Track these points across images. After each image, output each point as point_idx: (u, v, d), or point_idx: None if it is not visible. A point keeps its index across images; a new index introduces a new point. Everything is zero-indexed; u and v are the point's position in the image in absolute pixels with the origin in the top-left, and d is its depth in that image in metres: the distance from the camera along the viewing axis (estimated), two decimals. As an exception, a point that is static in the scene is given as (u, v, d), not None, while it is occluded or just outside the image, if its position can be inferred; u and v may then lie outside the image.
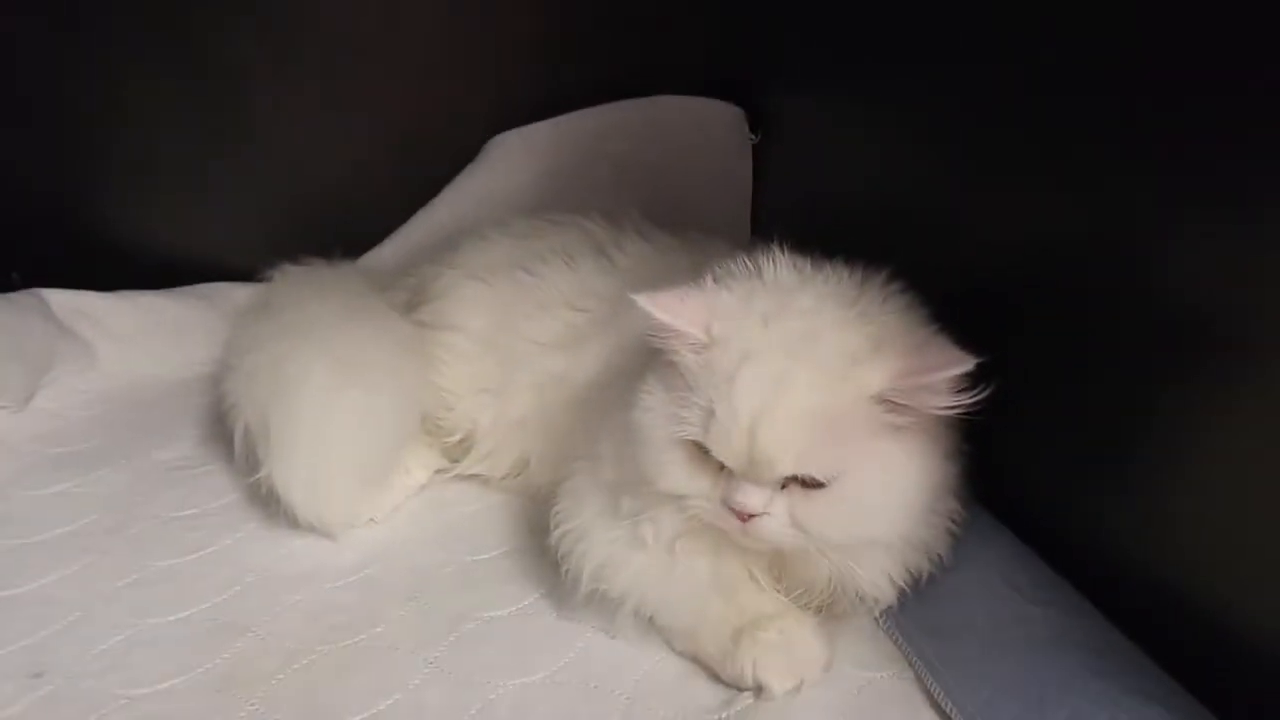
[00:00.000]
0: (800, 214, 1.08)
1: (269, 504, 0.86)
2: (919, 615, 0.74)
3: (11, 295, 1.05)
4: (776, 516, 0.63)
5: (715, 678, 0.70)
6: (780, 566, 0.71)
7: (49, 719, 0.66)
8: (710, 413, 0.61)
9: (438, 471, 0.94)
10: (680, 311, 0.64)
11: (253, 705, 0.67)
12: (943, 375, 0.60)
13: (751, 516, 0.62)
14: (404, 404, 0.88)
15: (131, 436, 1.00)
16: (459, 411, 0.91)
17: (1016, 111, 0.73)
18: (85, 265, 1.14)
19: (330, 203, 1.22)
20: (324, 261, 0.98)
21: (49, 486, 0.92)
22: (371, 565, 0.83)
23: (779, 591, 0.71)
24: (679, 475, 0.64)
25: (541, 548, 0.80)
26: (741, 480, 0.62)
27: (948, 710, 0.66)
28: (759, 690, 0.68)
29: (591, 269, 0.91)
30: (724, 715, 0.67)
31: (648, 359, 0.71)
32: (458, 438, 0.93)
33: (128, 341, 1.10)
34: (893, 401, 0.61)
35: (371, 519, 0.88)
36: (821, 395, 0.60)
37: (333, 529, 0.84)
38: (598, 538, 0.71)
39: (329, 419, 0.83)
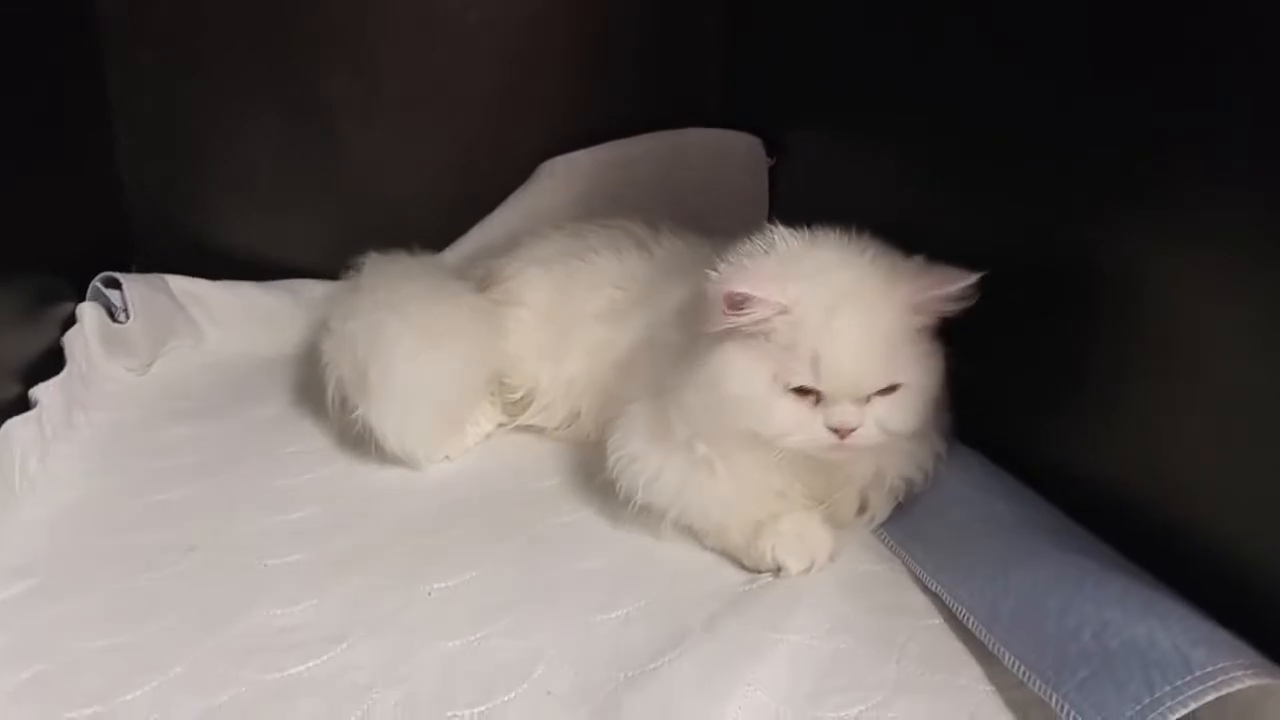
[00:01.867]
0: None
1: (358, 446, 1.03)
2: (905, 525, 0.90)
3: (144, 275, 1.23)
4: (868, 425, 0.80)
5: (740, 566, 0.86)
6: (825, 476, 0.87)
7: (203, 578, 0.82)
8: (816, 358, 0.77)
9: (500, 425, 1.11)
10: (759, 284, 0.79)
11: (363, 574, 0.83)
12: (959, 286, 0.80)
13: (850, 432, 0.79)
14: (477, 363, 1.06)
15: (235, 399, 1.17)
16: (522, 372, 1.09)
17: (987, 142, 0.92)
18: (194, 264, 1.33)
19: (400, 215, 1.41)
20: (407, 253, 1.16)
21: (172, 429, 1.09)
22: (450, 489, 0.99)
23: (806, 502, 0.88)
24: (786, 419, 0.80)
25: (589, 478, 0.97)
26: (839, 404, 0.79)
27: (932, 588, 0.82)
28: (777, 570, 0.84)
29: (633, 257, 1.09)
30: (749, 588, 0.83)
31: (684, 330, 0.89)
32: (519, 395, 1.10)
33: (229, 324, 1.29)
34: (922, 312, 0.81)
35: (447, 457, 1.05)
36: (887, 320, 0.79)
37: (417, 461, 1.01)
38: (649, 461, 0.88)
39: (418, 371, 1.01)
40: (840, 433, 0.80)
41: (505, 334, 1.09)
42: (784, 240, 0.85)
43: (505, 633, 0.76)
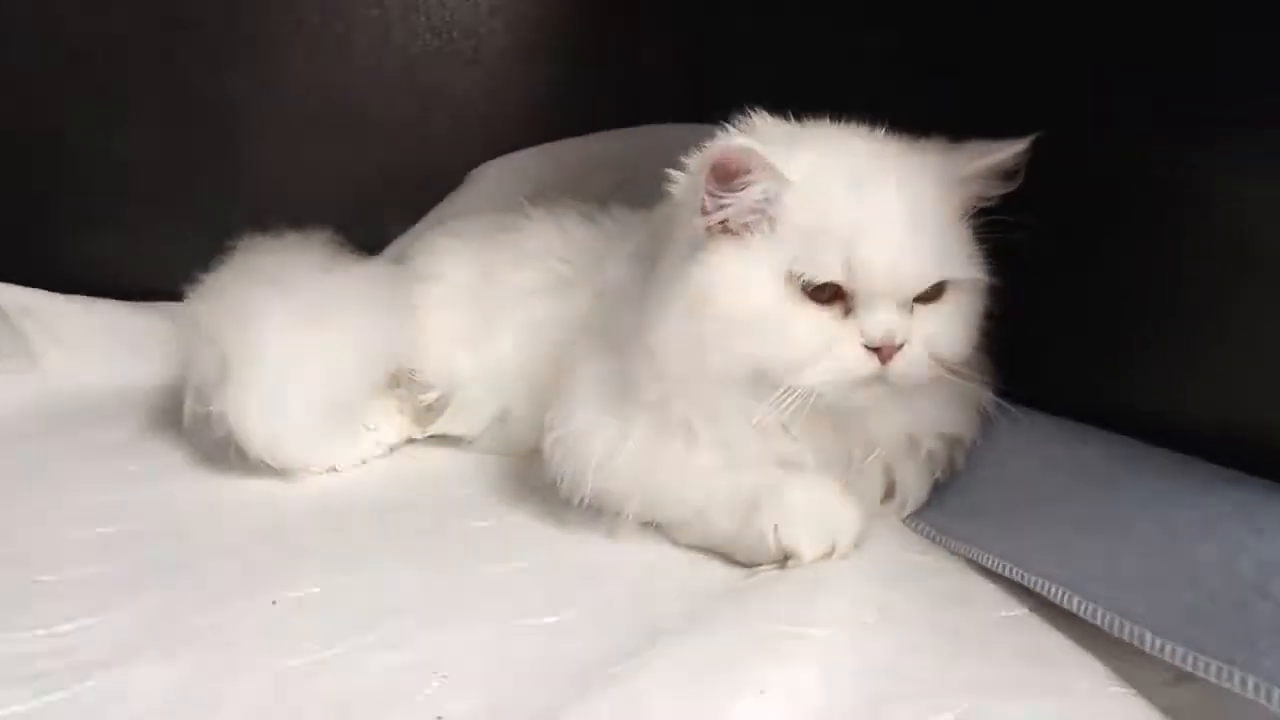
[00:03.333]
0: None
1: (218, 461, 0.77)
2: (949, 506, 0.66)
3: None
4: (914, 343, 0.58)
5: (732, 561, 0.61)
6: (845, 436, 0.63)
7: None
8: (847, 243, 0.56)
9: (410, 440, 0.86)
10: (765, 148, 0.57)
11: (175, 588, 0.57)
12: (1012, 153, 0.61)
13: (894, 351, 0.57)
14: (374, 346, 0.81)
15: (70, 425, 0.91)
16: (436, 363, 0.84)
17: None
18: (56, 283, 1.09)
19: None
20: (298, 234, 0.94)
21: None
22: (328, 498, 0.73)
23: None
24: (808, 336, 0.57)
25: (522, 483, 0.73)
26: (878, 309, 0.57)
27: (1002, 571, 0.57)
28: (784, 559, 0.59)
29: (577, 227, 0.88)
30: (745, 583, 0.57)
31: (643, 264, 0.67)
32: (433, 395, 0.85)
33: (76, 345, 1.03)
34: (968, 192, 0.61)
35: (334, 467, 0.79)
36: (931, 192, 0.59)
37: (289, 465, 0.75)
38: (603, 434, 0.64)
39: (290, 350, 0.76)
40: (883, 353, 0.57)
41: (414, 316, 0.85)
42: (766, 121, 0.64)
43: (381, 645, 0.50)
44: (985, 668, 0.48)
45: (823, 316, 0.58)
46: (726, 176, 0.56)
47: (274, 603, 0.54)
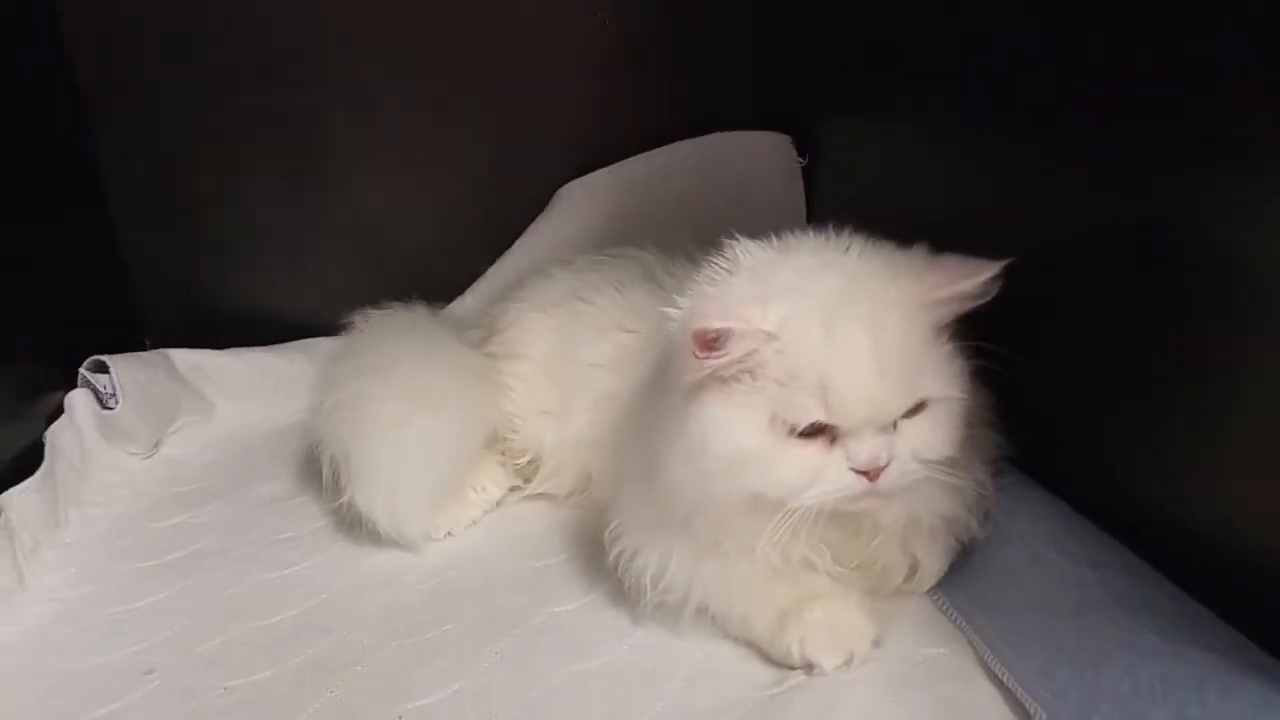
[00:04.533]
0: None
1: (354, 528, 0.93)
2: (971, 591, 0.74)
3: (141, 354, 1.17)
4: (900, 457, 0.65)
5: (769, 660, 0.72)
6: (851, 532, 0.71)
7: (157, 707, 0.73)
8: (822, 386, 0.63)
9: (512, 490, 0.99)
10: (733, 312, 0.64)
11: (332, 692, 0.73)
12: (981, 279, 0.65)
13: (880, 471, 0.64)
14: (470, 426, 0.95)
15: (240, 476, 1.09)
16: (524, 433, 0.97)
17: (1030, 127, 0.77)
18: (204, 330, 1.26)
19: (413, 260, 1.32)
20: (402, 306, 1.06)
21: (170, 518, 1.01)
22: (446, 572, 0.88)
23: (839, 569, 0.72)
24: (798, 471, 0.64)
25: (601, 551, 0.83)
26: (861, 437, 0.64)
27: (1004, 679, 0.66)
28: (809, 668, 0.69)
29: (640, 293, 0.95)
30: (776, 692, 0.68)
31: (661, 385, 0.74)
32: (527, 458, 0.98)
33: (239, 394, 1.21)
34: (940, 313, 0.66)
35: (449, 533, 0.94)
36: (898, 323, 0.64)
37: (412, 541, 0.90)
38: (652, 553, 0.74)
39: (401, 443, 0.90)
40: (870, 474, 0.64)
41: (504, 391, 0.97)
42: (749, 254, 0.70)
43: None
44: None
45: (809, 450, 0.65)
46: (706, 345, 0.63)
47: (400, 718, 0.70)
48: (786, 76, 1.24)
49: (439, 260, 1.32)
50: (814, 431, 0.65)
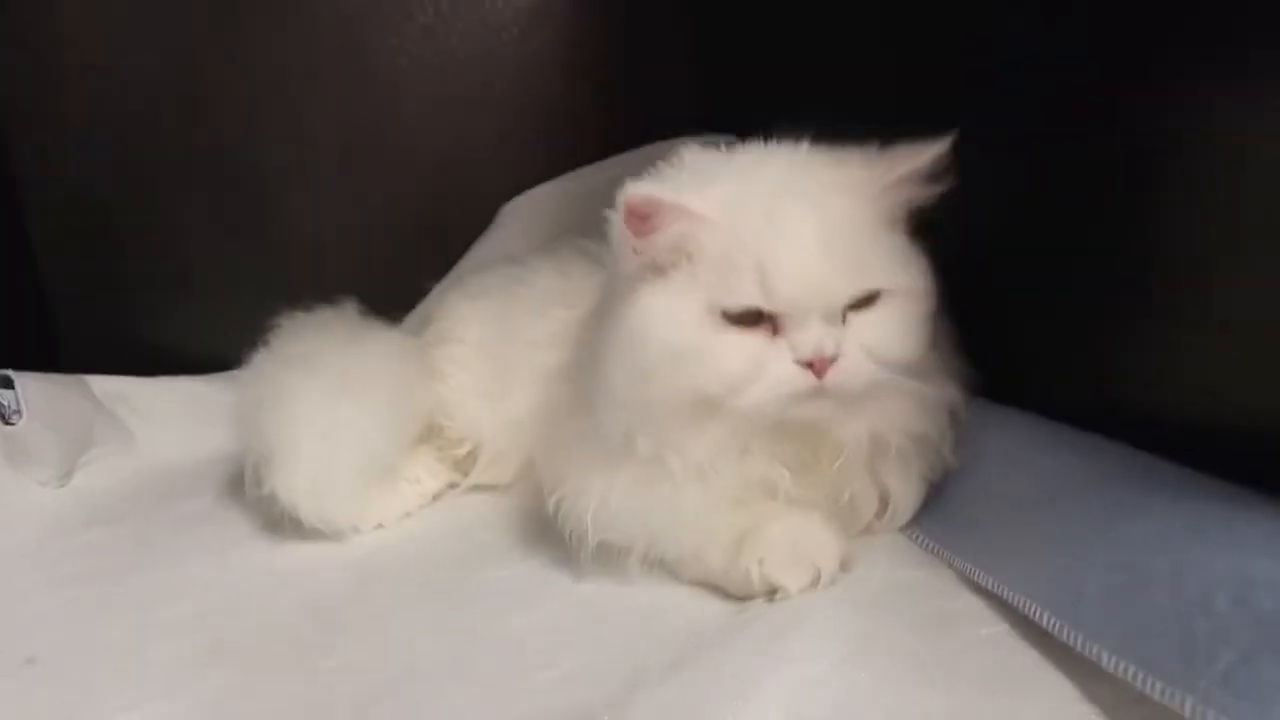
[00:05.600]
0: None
1: (279, 529, 0.85)
2: (948, 520, 0.68)
3: (55, 376, 1.10)
4: (851, 354, 0.60)
5: (727, 596, 0.64)
6: (809, 449, 0.65)
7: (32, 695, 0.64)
8: (761, 267, 0.58)
9: (452, 486, 0.92)
10: (675, 190, 0.61)
11: (234, 667, 0.64)
12: (931, 158, 0.62)
13: (829, 364, 0.59)
14: (400, 410, 0.88)
15: (163, 499, 1.00)
16: (461, 419, 0.90)
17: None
18: (128, 361, 1.19)
19: (355, 284, 1.26)
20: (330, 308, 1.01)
21: (82, 535, 0.92)
22: (376, 556, 0.80)
23: (803, 494, 0.66)
24: (736, 360, 0.59)
25: (545, 529, 0.76)
26: (806, 325, 0.59)
27: (989, 586, 0.59)
28: (770, 593, 0.62)
29: (582, 272, 0.91)
30: (733, 621, 0.61)
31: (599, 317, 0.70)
32: (466, 449, 0.91)
33: (163, 422, 1.13)
34: (893, 199, 0.62)
35: (380, 524, 0.86)
36: (845, 207, 0.61)
37: (338, 529, 0.82)
38: (596, 487, 0.67)
39: (325, 426, 0.83)
40: (816, 367, 0.59)
41: (439, 377, 0.91)
42: (693, 154, 0.66)
43: (394, 713, 0.56)
44: (947, 696, 0.50)
45: (750, 340, 0.60)
46: (640, 222, 0.59)
47: (313, 676, 0.61)
48: (727, 83, 1.25)
49: (379, 284, 1.26)
50: (754, 321, 0.60)
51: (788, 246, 0.59)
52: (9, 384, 1.02)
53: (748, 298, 0.59)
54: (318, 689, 0.60)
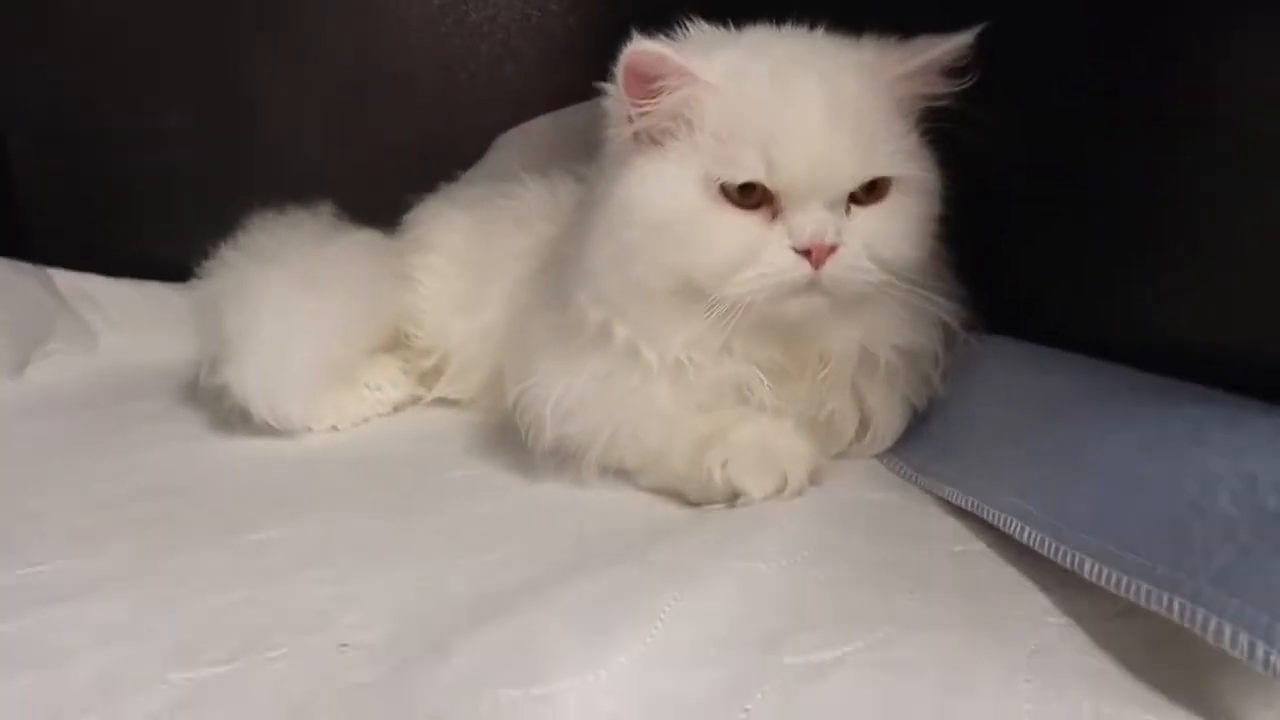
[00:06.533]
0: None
1: (235, 427, 0.80)
2: (926, 444, 0.64)
3: (17, 264, 1.06)
4: (850, 245, 0.55)
5: (685, 503, 0.60)
6: (794, 352, 0.61)
7: None
8: (765, 140, 0.54)
9: (415, 399, 0.88)
10: (679, 52, 0.56)
11: (158, 532, 0.60)
12: (954, 49, 0.57)
13: (827, 253, 0.55)
14: (366, 310, 0.84)
15: (117, 398, 0.96)
16: (430, 329, 0.87)
17: None
18: (101, 266, 1.16)
19: (342, 208, 1.23)
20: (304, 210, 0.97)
21: (26, 423, 0.88)
22: (326, 453, 0.76)
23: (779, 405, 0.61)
24: (731, 240, 0.55)
25: (508, 441, 0.72)
26: (806, 208, 0.55)
27: (969, 507, 0.54)
28: (732, 498, 0.58)
29: (569, 191, 0.87)
30: (688, 523, 0.56)
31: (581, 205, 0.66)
32: (432, 360, 0.87)
33: (129, 327, 1.09)
34: (909, 89, 0.58)
35: (335, 426, 0.82)
36: (858, 86, 0.56)
37: (289, 424, 0.78)
38: (559, 378, 0.63)
39: (284, 318, 0.80)
40: (814, 255, 0.55)
41: (411, 284, 0.87)
42: (698, 28, 0.62)
43: (316, 581, 0.51)
44: (916, 601, 0.46)
45: (747, 221, 0.55)
46: (641, 82, 0.55)
47: (236, 546, 0.57)
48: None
49: (367, 207, 1.23)
50: (753, 201, 0.56)
51: (795, 117, 0.55)
52: (-36, 263, 0.98)
53: (749, 171, 0.55)
54: (239, 556, 0.56)
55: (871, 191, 0.57)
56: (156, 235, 1.21)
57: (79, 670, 0.44)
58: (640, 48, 0.54)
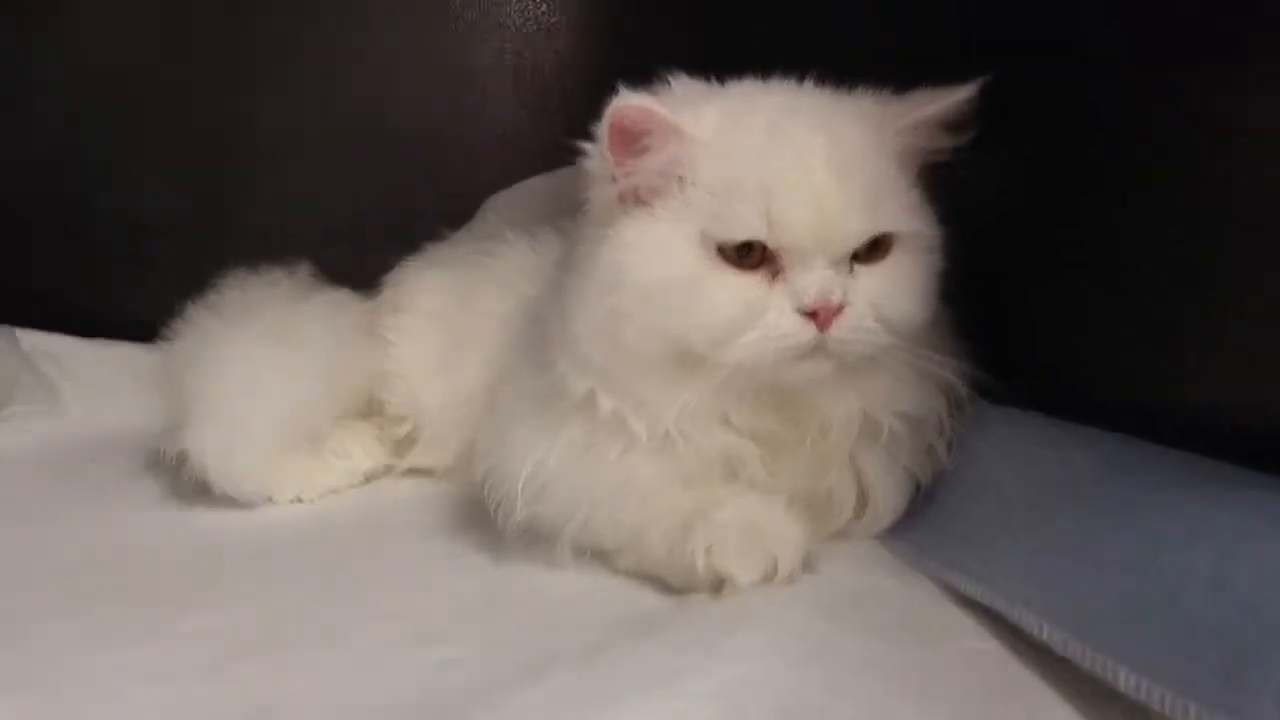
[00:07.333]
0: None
1: (190, 497, 0.75)
2: (929, 524, 0.58)
3: (-22, 324, 1.02)
4: (856, 305, 0.52)
5: (666, 589, 0.54)
6: (792, 421, 0.56)
7: None
8: (765, 193, 0.50)
9: (388, 468, 0.82)
10: (667, 106, 0.52)
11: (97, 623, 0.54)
12: (955, 103, 0.54)
13: (834, 314, 0.51)
14: (336, 373, 0.79)
15: (75, 463, 0.90)
16: (403, 395, 0.81)
17: None
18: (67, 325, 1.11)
19: (327, 266, 1.20)
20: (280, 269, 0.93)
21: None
22: (279, 528, 0.70)
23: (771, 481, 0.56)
24: (730, 302, 0.51)
25: (480, 517, 0.66)
26: (810, 267, 0.51)
27: (976, 595, 0.49)
28: (717, 585, 0.52)
29: (553, 245, 0.83)
30: (669, 614, 0.51)
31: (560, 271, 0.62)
32: (406, 428, 0.82)
33: (94, 387, 1.04)
34: (909, 143, 0.55)
35: (299, 497, 0.76)
36: (862, 136, 0.53)
37: (248, 496, 0.73)
38: (533, 451, 0.58)
39: (243, 387, 0.75)
40: (820, 317, 0.50)
41: (385, 346, 0.82)
42: (684, 84, 0.58)
43: (247, 676, 0.46)
44: (916, 711, 0.40)
45: (746, 282, 0.51)
46: (627, 140, 0.51)
47: (169, 633, 0.51)
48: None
49: (353, 268, 1.20)
50: (753, 262, 0.52)
51: (796, 169, 0.51)
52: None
53: (749, 229, 0.51)
54: (172, 645, 0.50)
55: (874, 249, 0.53)
56: (126, 293, 1.18)
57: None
58: (626, 103, 0.51)
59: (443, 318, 0.83)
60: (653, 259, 0.52)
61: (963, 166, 0.56)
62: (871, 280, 0.52)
